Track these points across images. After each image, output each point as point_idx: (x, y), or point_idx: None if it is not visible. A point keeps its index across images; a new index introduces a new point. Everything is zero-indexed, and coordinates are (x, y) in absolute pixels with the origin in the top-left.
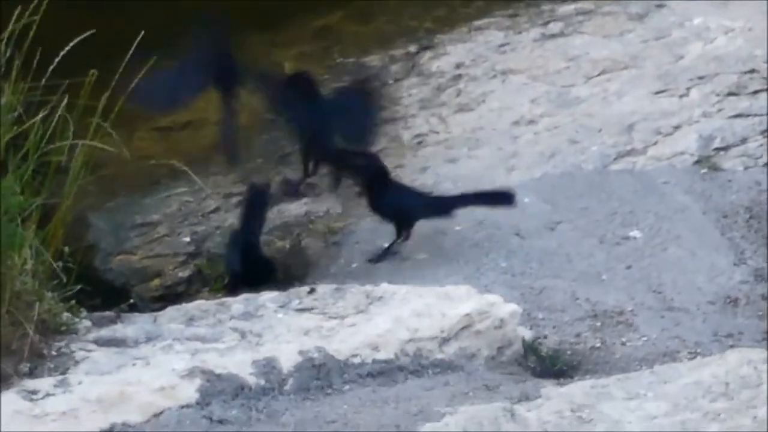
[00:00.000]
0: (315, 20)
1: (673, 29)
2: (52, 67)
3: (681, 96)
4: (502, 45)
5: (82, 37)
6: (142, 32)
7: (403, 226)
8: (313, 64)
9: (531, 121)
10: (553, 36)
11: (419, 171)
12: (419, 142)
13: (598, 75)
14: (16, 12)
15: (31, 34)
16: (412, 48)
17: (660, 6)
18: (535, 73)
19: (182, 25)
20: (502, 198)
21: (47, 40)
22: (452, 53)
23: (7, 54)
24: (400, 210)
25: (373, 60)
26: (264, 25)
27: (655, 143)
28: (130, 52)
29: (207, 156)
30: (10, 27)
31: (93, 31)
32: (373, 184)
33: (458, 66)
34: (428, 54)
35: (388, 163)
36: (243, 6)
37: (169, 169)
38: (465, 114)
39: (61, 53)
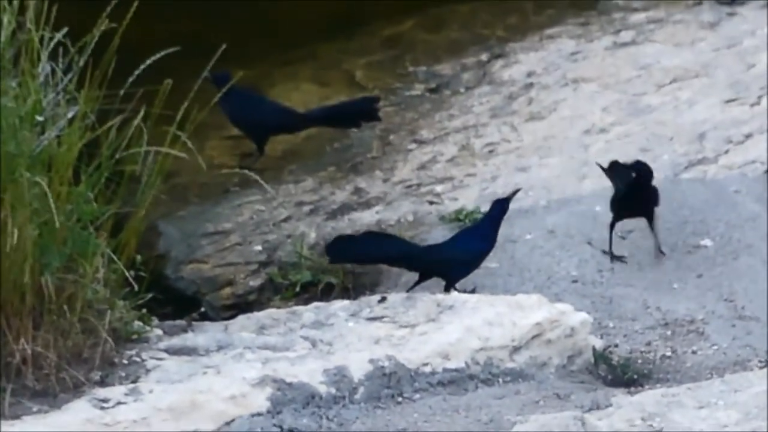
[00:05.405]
0: (386, 28)
1: (745, 38)
2: (132, 78)
3: (752, 105)
4: (574, 53)
5: (168, 51)
6: (224, 46)
7: None
8: (383, 72)
9: (602, 130)
10: (624, 44)
11: (490, 179)
12: (490, 151)
13: (670, 83)
14: (101, 21)
15: (94, 40)
16: (484, 56)
17: (731, 14)
18: (607, 82)
19: (254, 34)
20: None
21: (121, 47)
22: (524, 61)
23: (81, 62)
24: None
25: (444, 68)
26: (335, 33)
27: (727, 152)
28: (210, 64)
29: (278, 165)
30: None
31: (178, 48)
32: None
33: (530, 74)
34: (500, 62)
35: (460, 171)
36: (314, 13)
37: (240, 177)
38: (536, 122)
39: (142, 66)
